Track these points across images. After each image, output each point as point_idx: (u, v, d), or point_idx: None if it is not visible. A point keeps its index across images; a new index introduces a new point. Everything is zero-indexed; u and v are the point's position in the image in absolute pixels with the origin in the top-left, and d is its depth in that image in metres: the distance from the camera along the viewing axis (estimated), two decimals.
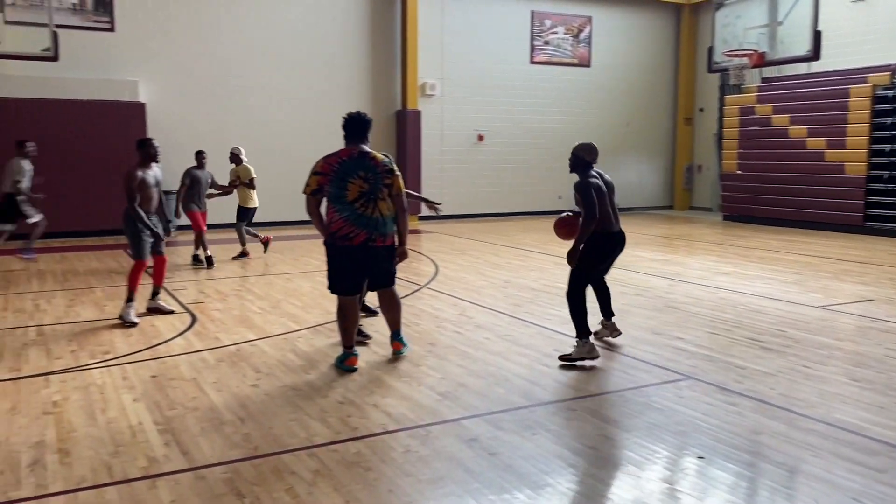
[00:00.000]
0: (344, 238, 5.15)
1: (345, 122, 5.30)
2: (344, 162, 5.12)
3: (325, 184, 5.13)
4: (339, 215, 5.13)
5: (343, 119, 5.33)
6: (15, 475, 3.55)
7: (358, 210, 5.12)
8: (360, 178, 5.11)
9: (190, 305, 7.54)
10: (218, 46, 15.08)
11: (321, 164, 5.18)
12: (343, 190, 5.10)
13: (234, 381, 5.05)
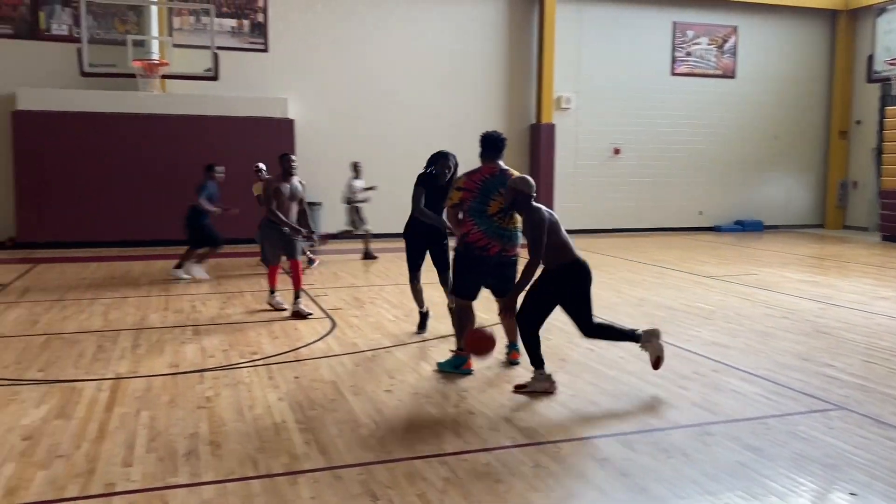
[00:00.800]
0: (481, 249, 5.41)
1: (484, 140, 5.53)
2: (487, 179, 5.38)
3: (469, 199, 5.38)
4: (478, 228, 5.38)
5: (481, 137, 5.55)
6: (173, 463, 3.84)
7: (496, 223, 5.38)
8: (500, 194, 5.31)
9: (330, 311, 7.88)
10: (362, 65, 15.72)
11: (464, 180, 5.44)
12: (485, 205, 5.36)
13: (370, 385, 5.23)
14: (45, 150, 13.14)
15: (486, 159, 5.48)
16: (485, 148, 5.49)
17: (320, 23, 15.45)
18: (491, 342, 4.97)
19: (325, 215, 15.30)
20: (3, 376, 5.40)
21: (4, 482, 3.58)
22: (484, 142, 5.50)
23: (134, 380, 5.33)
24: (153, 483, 3.59)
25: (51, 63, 13.73)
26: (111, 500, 3.41)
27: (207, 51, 13.48)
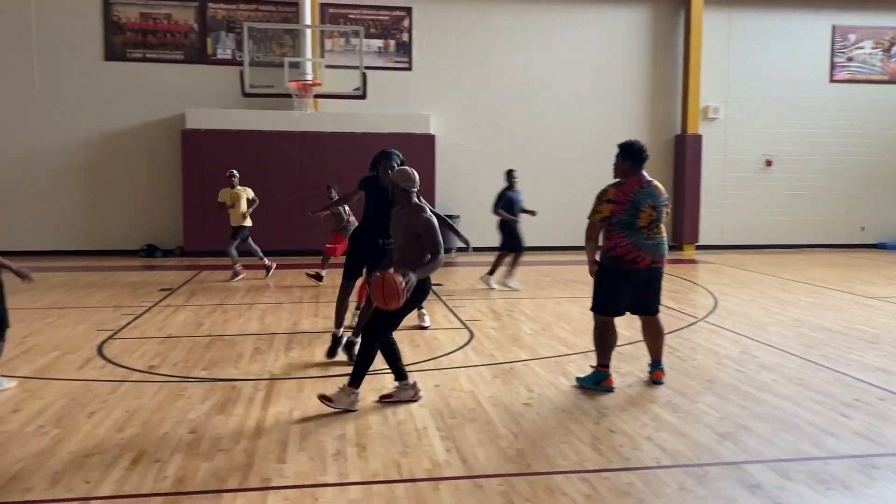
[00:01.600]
0: (631, 262, 5.31)
1: (629, 151, 5.39)
2: (637, 191, 5.30)
3: (619, 212, 5.28)
4: (627, 240, 5.29)
5: (625, 148, 5.41)
6: (322, 462, 4.04)
7: (645, 235, 5.30)
8: (650, 206, 5.28)
9: (468, 322, 7.98)
10: (502, 79, 15.90)
11: (614, 192, 5.31)
12: (635, 217, 5.28)
13: (508, 397, 5.25)
14: (209, 166, 14.22)
15: (630, 171, 5.38)
16: (632, 159, 5.37)
17: (462, 40, 15.78)
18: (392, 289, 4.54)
19: (461, 228, 15.54)
20: (172, 373, 5.89)
21: (174, 471, 3.90)
22: (629, 152, 5.37)
23: (287, 381, 5.64)
24: (305, 480, 3.79)
25: (216, 85, 14.89)
26: (267, 493, 3.63)
27: (356, 71, 14.12)
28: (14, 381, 5.62)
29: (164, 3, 14.87)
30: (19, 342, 6.96)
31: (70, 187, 14.79)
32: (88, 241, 14.81)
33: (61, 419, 4.74)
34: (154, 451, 4.17)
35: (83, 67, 14.66)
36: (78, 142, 14.72)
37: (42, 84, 14.56)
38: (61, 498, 3.57)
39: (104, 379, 5.73)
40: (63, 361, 6.26)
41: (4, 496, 3.59)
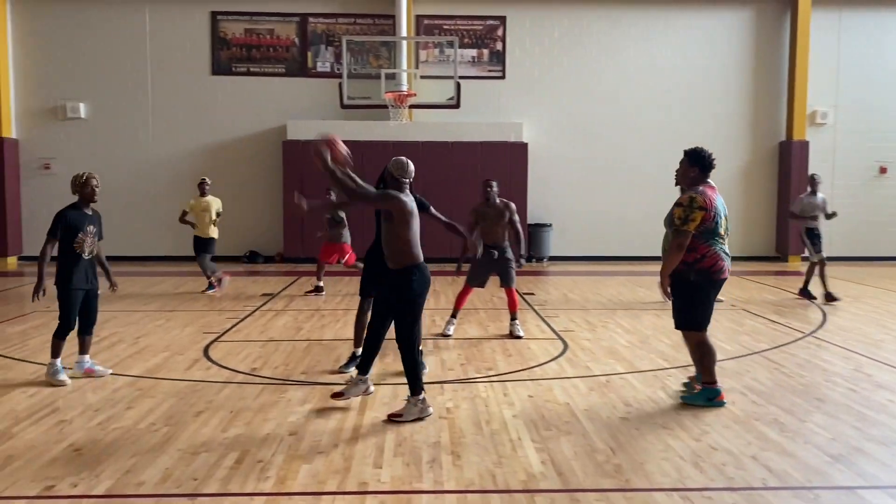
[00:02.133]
0: (720, 272, 5.16)
1: (698, 159, 5.21)
2: (717, 198, 5.17)
3: (708, 220, 5.07)
4: (713, 249, 5.12)
5: (695, 155, 5.22)
6: (418, 469, 4.07)
7: (723, 243, 5.19)
8: (724, 215, 5.20)
9: (562, 333, 7.89)
10: (597, 86, 15.69)
11: (703, 199, 5.08)
12: (719, 226, 5.13)
13: (605, 410, 5.15)
14: (308, 175, 14.62)
15: (698, 179, 5.20)
16: (700, 167, 5.19)
17: (555, 47, 15.68)
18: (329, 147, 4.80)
19: (554, 237, 15.41)
20: (273, 376, 6.08)
21: (276, 472, 4.02)
22: (698, 159, 5.20)
23: (382, 386, 5.73)
24: (401, 486, 3.83)
25: (316, 97, 15.35)
26: (364, 497, 3.69)
27: (450, 80, 14.25)
28: (109, 368, 6.12)
29: (268, 19, 15.47)
30: (132, 343, 7.36)
31: (180, 196, 15.50)
32: None
33: (171, 417, 4.97)
34: (257, 452, 4.31)
35: (192, 82, 15.42)
36: (187, 152, 15.47)
37: (155, 98, 15.40)
38: (171, 493, 3.74)
39: (210, 380, 5.98)
40: (172, 362, 6.57)
41: (120, 489, 3.79)
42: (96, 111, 15.35)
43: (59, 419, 4.92)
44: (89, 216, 5.98)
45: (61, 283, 5.86)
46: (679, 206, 5.10)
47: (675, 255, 5.08)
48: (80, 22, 15.20)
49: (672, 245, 5.12)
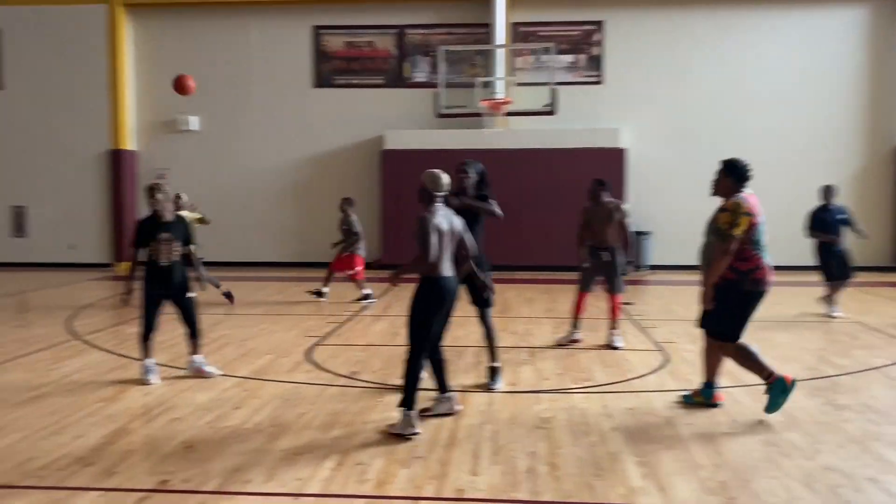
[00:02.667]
0: (767, 283, 5.10)
1: (735, 169, 5.19)
2: (757, 205, 5.13)
3: (755, 227, 5.04)
4: (762, 258, 5.09)
5: (732, 165, 5.22)
6: (514, 478, 4.05)
7: (765, 251, 5.13)
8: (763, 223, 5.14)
9: (662, 344, 7.68)
10: (698, 91, 15.24)
11: (747, 206, 5.04)
12: (762, 234, 5.11)
13: (709, 425, 4.97)
14: (405, 184, 14.86)
15: (734, 189, 5.18)
16: (736, 177, 5.18)
17: (654, 51, 15.33)
18: None
19: (654, 245, 15.03)
20: (372, 380, 6.20)
21: (375, 475, 4.09)
22: (735, 170, 5.19)
23: (477, 394, 5.74)
24: (497, 495, 3.83)
25: (412, 107, 15.59)
26: None
27: (546, 87, 14.17)
28: (220, 370, 6.43)
29: (367, 32, 15.85)
30: (240, 345, 7.68)
31: (283, 204, 16.15)
32: (298, 254, 16.05)
33: (275, 418, 5.15)
34: (356, 454, 4.41)
35: (295, 95, 15.98)
36: (290, 162, 16.03)
37: (261, 111, 16.05)
38: (276, 492, 3.88)
39: (312, 382, 6.16)
40: (276, 364, 6.81)
41: (228, 486, 3.96)
42: (207, 124, 16.14)
43: (172, 417, 5.18)
44: (165, 224, 6.17)
45: (142, 288, 6.21)
46: (725, 212, 5.07)
47: (722, 260, 5.00)
48: (192, 39, 16.04)
49: (718, 251, 5.03)
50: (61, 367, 6.74)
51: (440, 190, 4.94)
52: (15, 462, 4.31)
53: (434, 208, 4.88)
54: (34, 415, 5.23)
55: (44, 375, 6.41)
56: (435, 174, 4.97)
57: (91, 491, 3.88)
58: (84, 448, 4.54)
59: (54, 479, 4.04)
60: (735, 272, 5.02)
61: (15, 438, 4.73)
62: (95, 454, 4.43)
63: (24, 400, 5.62)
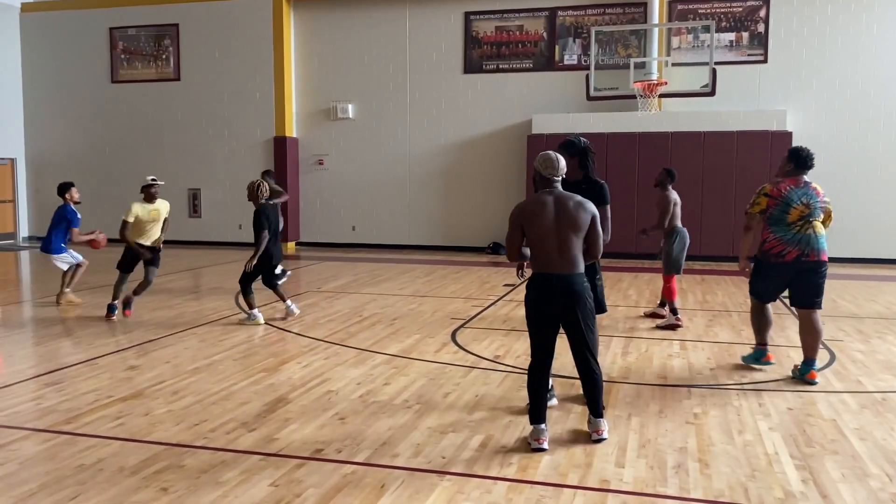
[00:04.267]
0: (777, 255, 5.74)
1: (795, 156, 5.81)
2: (792, 190, 5.74)
3: (772, 206, 5.74)
4: (774, 236, 5.76)
5: (793, 152, 5.84)
6: (662, 473, 3.93)
7: (794, 230, 5.69)
8: (802, 204, 5.68)
9: (828, 342, 7.14)
10: (877, 69, 13.94)
11: (770, 188, 5.81)
12: (785, 213, 5.70)
13: (881, 431, 4.58)
14: None
15: (792, 173, 5.81)
16: (795, 163, 5.80)
17: (828, 25, 14.17)
18: None
19: None
20: (515, 364, 6.20)
21: (518, 459, 4.11)
22: (795, 157, 5.80)
23: (624, 385, 5.61)
24: (643, 488, 3.73)
25: (562, 90, 15.37)
26: (606, 496, 3.65)
27: (704, 67, 13.51)
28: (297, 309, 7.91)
29: (518, 15, 15.77)
30: (389, 324, 7.95)
31: (432, 188, 16.48)
32: (444, 237, 16.36)
33: (421, 396, 5.30)
34: (500, 437, 4.45)
35: (446, 80, 16.21)
36: (440, 148, 16.32)
37: (413, 97, 16.43)
38: (422, 468, 3.99)
39: (457, 363, 6.27)
40: (423, 344, 6.99)
41: (377, 459, 4.12)
42: (362, 111, 16.75)
43: (327, 389, 5.46)
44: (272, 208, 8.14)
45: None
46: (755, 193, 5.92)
47: (744, 234, 6.01)
48: (349, 28, 16.66)
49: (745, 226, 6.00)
50: (230, 338, 7.29)
51: (557, 174, 4.35)
52: (189, 423, 4.71)
53: (535, 196, 4.36)
54: (206, 381, 5.70)
55: (215, 345, 6.96)
56: (549, 156, 4.37)
57: (254, 455, 4.17)
58: (248, 414, 4.89)
59: (222, 442, 4.38)
60: (758, 247, 5.93)
61: (189, 401, 5.17)
62: (258, 420, 4.76)
63: (199, 367, 6.13)
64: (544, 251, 4.27)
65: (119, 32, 17.99)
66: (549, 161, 4.36)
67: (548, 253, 4.26)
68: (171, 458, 4.11)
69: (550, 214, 4.26)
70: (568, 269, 4.26)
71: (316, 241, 16.51)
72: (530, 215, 4.29)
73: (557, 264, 4.26)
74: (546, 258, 4.28)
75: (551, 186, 4.36)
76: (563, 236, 4.25)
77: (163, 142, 17.72)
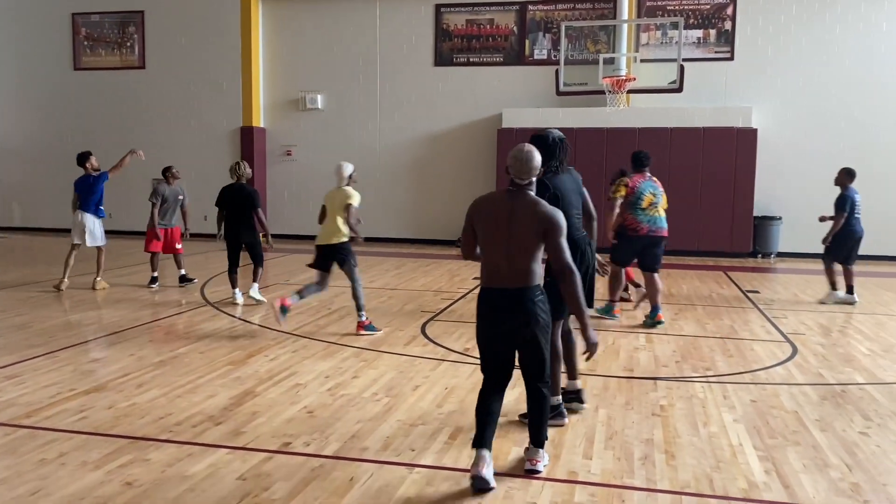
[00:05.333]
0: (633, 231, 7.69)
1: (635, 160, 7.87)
2: (641, 183, 7.62)
3: (630, 195, 7.60)
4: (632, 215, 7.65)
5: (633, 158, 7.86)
6: (629, 464, 3.98)
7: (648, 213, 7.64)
8: (650, 193, 7.65)
9: (790, 335, 7.29)
10: (840, 67, 14.22)
11: (627, 181, 7.66)
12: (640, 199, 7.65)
13: (840, 423, 4.68)
14: None
15: (637, 170, 7.74)
16: (634, 164, 7.81)
17: (793, 23, 14.42)
18: None
19: (784, 231, 14.24)
20: None
21: None
22: (634, 160, 7.81)
23: (591, 377, 5.66)
24: (611, 480, 3.77)
25: (532, 85, 15.42)
26: (574, 487, 3.68)
27: (672, 64, 13.65)
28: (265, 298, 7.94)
29: (489, 9, 15.77)
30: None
31: (402, 181, 16.43)
32: (414, 230, 16.33)
33: (391, 389, 5.29)
34: (469, 429, 4.43)
35: (416, 73, 16.15)
36: (410, 140, 16.27)
37: (383, 89, 16.35)
38: (391, 461, 3.98)
39: (426, 356, 6.27)
40: (393, 337, 6.98)
41: (346, 452, 4.10)
42: (331, 102, 16.62)
43: (295, 382, 5.42)
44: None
45: None
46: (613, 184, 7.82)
47: (607, 215, 7.61)
48: (318, 17, 16.50)
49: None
50: (195, 330, 7.19)
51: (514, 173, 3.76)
52: (154, 416, 4.64)
53: (492, 194, 3.88)
54: (171, 374, 5.62)
55: (181, 338, 6.86)
56: (514, 151, 3.76)
57: (221, 448, 4.13)
58: (215, 407, 4.83)
59: (188, 435, 4.32)
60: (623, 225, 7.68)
61: (155, 394, 5.10)
62: (225, 414, 4.71)
63: (164, 359, 6.05)
64: (492, 260, 3.72)
65: (82, 18, 17.61)
66: (517, 159, 3.72)
67: (496, 264, 3.70)
68: (135, 452, 4.04)
69: (503, 218, 3.68)
70: (516, 282, 3.66)
71: (284, 232, 16.36)
72: (482, 215, 3.76)
73: (504, 277, 3.68)
74: (493, 269, 3.72)
75: (516, 186, 3.76)
76: (514, 245, 3.65)
77: (127, 131, 17.39)
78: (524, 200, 3.70)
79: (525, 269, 3.66)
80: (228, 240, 8.66)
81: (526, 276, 3.67)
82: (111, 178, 9.59)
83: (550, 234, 3.63)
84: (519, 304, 3.65)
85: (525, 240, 3.64)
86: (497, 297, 3.71)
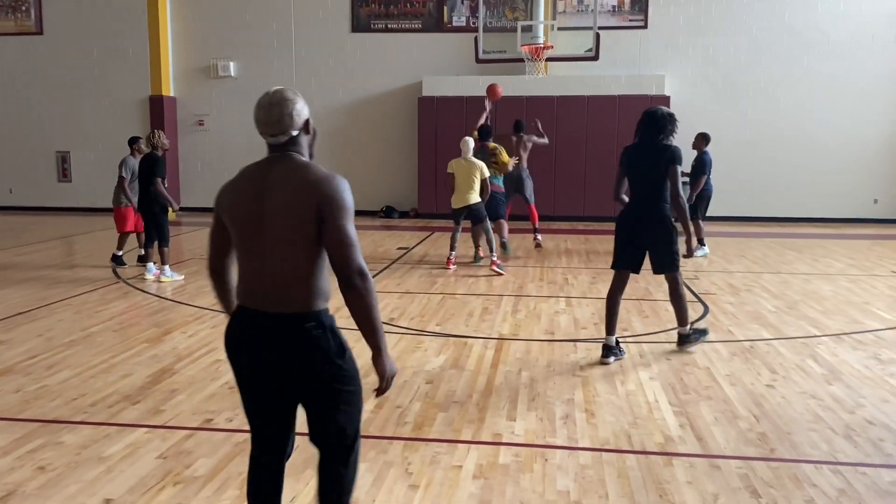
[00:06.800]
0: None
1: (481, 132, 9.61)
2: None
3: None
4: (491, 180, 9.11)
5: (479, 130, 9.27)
6: (551, 424, 4.08)
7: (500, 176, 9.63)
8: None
9: (702, 295, 7.59)
10: (749, 35, 14.72)
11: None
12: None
13: (748, 377, 4.93)
14: (442, 132, 14.76)
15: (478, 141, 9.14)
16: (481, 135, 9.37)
17: None
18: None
19: None
20: (410, 326, 6.26)
21: (413, 418, 4.15)
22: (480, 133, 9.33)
23: (515, 342, 5.76)
24: (534, 440, 3.86)
25: (451, 52, 15.35)
26: (499, 448, 3.75)
27: (588, 32, 13.82)
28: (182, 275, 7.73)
29: None
30: None
31: (322, 150, 15.94)
32: None
33: None
34: (395, 398, 4.47)
35: (333, 39, 15.81)
36: (329, 109, 15.94)
37: (298, 56, 15.94)
38: (304, 432, 3.94)
39: (350, 328, 6.20)
40: None
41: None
42: (245, 69, 16.10)
43: (215, 358, 5.30)
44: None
45: None
46: None
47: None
48: None
49: None
50: (108, 308, 6.93)
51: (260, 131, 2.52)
52: (67, 398, 4.46)
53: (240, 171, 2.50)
54: (84, 354, 5.40)
55: (92, 316, 6.60)
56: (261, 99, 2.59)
57: (139, 427, 4.01)
58: (131, 387, 4.68)
59: (104, 416, 4.18)
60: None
61: (66, 375, 4.89)
62: (142, 392, 4.57)
63: (75, 339, 5.80)
64: (247, 268, 2.40)
65: None
66: (259, 107, 2.54)
67: (250, 272, 2.39)
68: (47, 436, 3.88)
69: (249, 204, 2.35)
70: (278, 303, 2.35)
71: (198, 205, 15.85)
72: (227, 206, 2.40)
73: (262, 293, 2.36)
74: (248, 279, 2.40)
75: (276, 151, 2.44)
76: (270, 243, 2.33)
77: (26, 101, 16.44)
78: (286, 167, 2.37)
79: (295, 281, 2.34)
80: (142, 212, 8.49)
81: (299, 292, 2.35)
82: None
83: (328, 212, 2.27)
84: (283, 338, 2.36)
85: (289, 231, 2.29)
86: (247, 324, 2.41)
